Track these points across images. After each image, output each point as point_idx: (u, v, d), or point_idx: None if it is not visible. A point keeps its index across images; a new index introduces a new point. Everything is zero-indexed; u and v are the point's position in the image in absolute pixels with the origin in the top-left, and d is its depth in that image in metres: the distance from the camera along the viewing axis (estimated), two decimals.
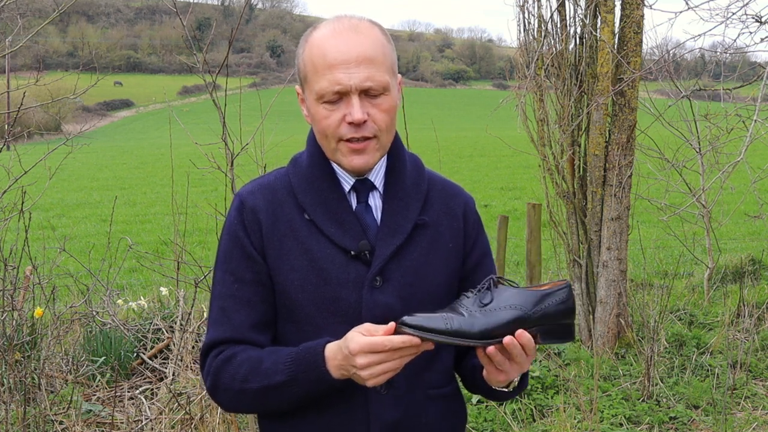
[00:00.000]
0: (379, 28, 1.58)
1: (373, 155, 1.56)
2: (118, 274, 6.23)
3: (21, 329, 3.96)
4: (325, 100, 1.52)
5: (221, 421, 3.74)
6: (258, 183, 1.65)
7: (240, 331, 1.56)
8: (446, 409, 1.68)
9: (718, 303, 6.63)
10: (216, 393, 1.58)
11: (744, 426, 4.26)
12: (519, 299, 1.46)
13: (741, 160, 4.84)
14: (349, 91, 1.50)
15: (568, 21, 5.34)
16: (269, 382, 1.50)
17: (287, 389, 1.50)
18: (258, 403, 1.55)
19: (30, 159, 4.10)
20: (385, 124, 1.55)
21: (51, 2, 7.35)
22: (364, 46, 1.51)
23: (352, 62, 1.50)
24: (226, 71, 3.58)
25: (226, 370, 1.54)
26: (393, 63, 1.58)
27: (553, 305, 1.49)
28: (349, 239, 1.56)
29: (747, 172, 6.26)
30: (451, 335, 1.42)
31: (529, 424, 4.25)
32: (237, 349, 1.56)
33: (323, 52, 1.52)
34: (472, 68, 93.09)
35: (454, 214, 1.68)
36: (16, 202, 3.97)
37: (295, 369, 1.49)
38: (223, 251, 1.62)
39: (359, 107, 1.50)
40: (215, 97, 3.44)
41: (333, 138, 1.54)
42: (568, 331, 1.52)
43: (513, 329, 1.44)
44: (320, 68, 1.52)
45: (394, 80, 1.58)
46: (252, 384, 1.52)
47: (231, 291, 1.58)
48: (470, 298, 1.47)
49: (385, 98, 1.54)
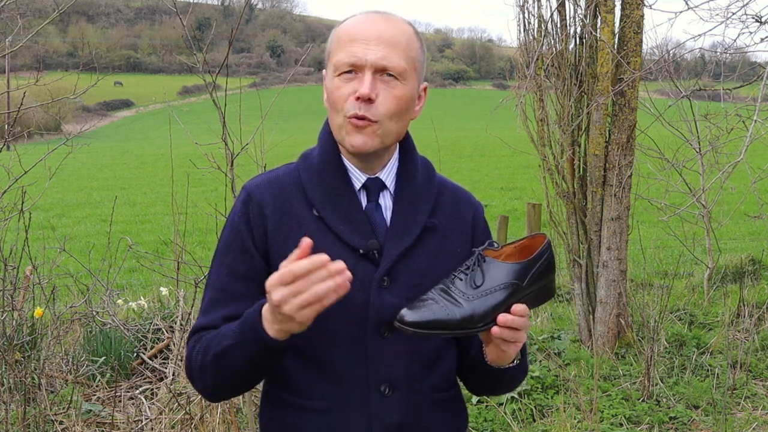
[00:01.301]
0: (412, 27, 1.61)
1: (372, 139, 1.54)
2: (118, 274, 6.23)
3: (21, 329, 3.97)
4: (341, 71, 1.53)
5: (221, 421, 3.74)
6: (266, 177, 1.64)
7: (220, 321, 1.56)
8: (448, 413, 1.67)
9: (718, 303, 6.63)
10: (190, 375, 1.59)
11: (744, 426, 4.26)
12: (510, 274, 1.45)
13: (741, 161, 4.84)
14: (364, 66, 1.52)
15: (568, 21, 5.34)
16: (219, 348, 1.50)
17: (232, 352, 1.47)
18: (216, 375, 1.52)
19: (30, 159, 4.10)
20: (392, 110, 1.54)
21: (51, 2, 7.34)
22: (388, 29, 1.54)
23: (373, 40, 1.52)
24: (226, 71, 3.58)
25: (194, 350, 1.55)
26: (416, 59, 1.58)
27: (540, 269, 1.49)
28: (358, 238, 1.55)
29: (747, 173, 6.26)
30: (454, 329, 1.41)
31: (529, 424, 4.25)
32: (206, 332, 1.56)
33: (348, 29, 1.56)
34: (472, 68, 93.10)
35: (463, 219, 1.68)
36: (16, 202, 3.97)
37: (239, 331, 1.47)
38: (224, 242, 1.62)
39: (369, 83, 1.51)
40: (215, 97, 3.43)
41: (340, 113, 1.54)
42: (551, 288, 1.53)
43: (510, 305, 1.45)
44: (342, 42, 1.55)
45: (415, 75, 1.58)
46: (208, 356, 1.52)
47: (223, 284, 1.58)
48: (462, 280, 1.45)
49: (398, 84, 1.54)
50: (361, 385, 1.56)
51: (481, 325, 1.43)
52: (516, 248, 1.55)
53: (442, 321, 1.40)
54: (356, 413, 1.56)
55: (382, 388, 1.56)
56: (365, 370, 1.56)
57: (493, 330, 1.44)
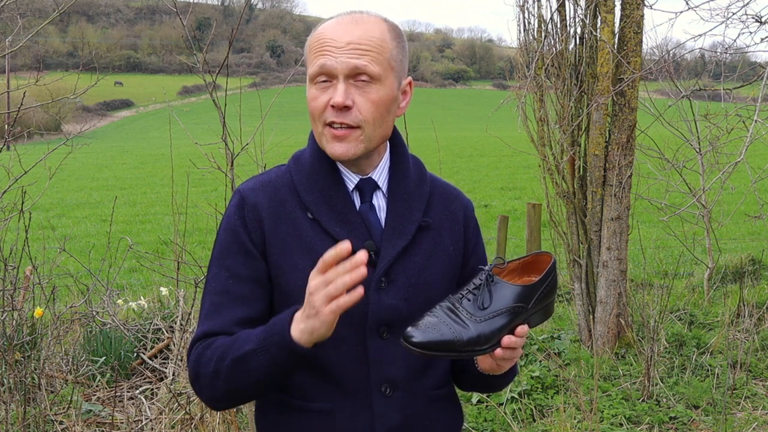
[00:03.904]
0: (388, 24, 1.58)
1: (356, 146, 1.54)
2: (118, 274, 6.24)
3: (21, 329, 3.97)
4: (315, 81, 1.53)
5: (221, 421, 3.74)
6: (259, 180, 1.63)
7: (230, 326, 1.53)
8: (446, 409, 1.68)
9: (718, 303, 6.63)
10: (196, 382, 1.54)
11: (744, 426, 4.26)
12: (517, 297, 1.46)
13: (741, 161, 4.84)
14: (335, 74, 1.51)
15: (568, 21, 5.34)
16: (238, 353, 1.46)
17: (255, 358, 1.44)
18: (230, 381, 1.48)
19: (30, 159, 4.10)
20: (371, 114, 1.53)
21: (51, 2, 7.35)
22: (358, 33, 1.52)
23: (343, 47, 1.50)
24: (226, 71, 3.57)
25: (204, 355, 1.51)
26: (392, 58, 1.55)
27: (546, 291, 1.49)
28: (354, 239, 1.53)
29: (747, 173, 6.26)
30: (460, 350, 1.41)
31: (529, 424, 4.25)
32: (217, 337, 1.53)
33: (319, 36, 1.54)
34: (472, 68, 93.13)
35: (455, 217, 1.68)
36: (16, 202, 3.97)
37: (263, 337, 1.45)
38: (220, 247, 1.59)
39: (343, 91, 1.50)
40: (215, 97, 3.43)
41: (319, 121, 1.54)
42: (552, 307, 1.54)
43: (514, 327, 1.45)
44: (314, 50, 1.54)
45: (392, 74, 1.55)
46: (225, 360, 1.47)
47: (226, 287, 1.56)
48: (471, 301, 1.45)
49: (374, 88, 1.52)
50: (362, 386, 1.56)
51: (486, 347, 1.44)
52: (519, 264, 1.56)
53: (450, 342, 1.40)
54: (358, 414, 1.56)
55: (383, 388, 1.56)
56: (366, 370, 1.56)
57: (496, 352, 1.45)
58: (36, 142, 7.06)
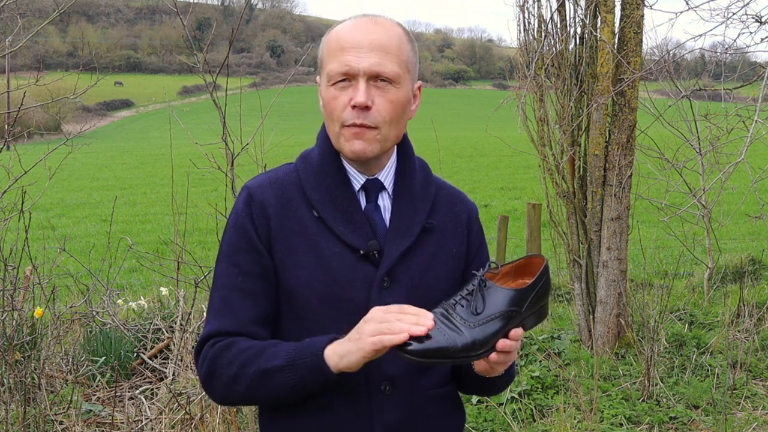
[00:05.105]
0: (402, 28, 1.61)
1: (373, 144, 1.55)
2: (118, 274, 6.24)
3: (21, 329, 3.97)
4: (334, 81, 1.54)
5: (221, 421, 3.74)
6: (267, 177, 1.64)
7: (242, 323, 1.55)
8: (446, 408, 1.69)
9: (718, 303, 6.63)
10: (210, 380, 1.55)
11: (744, 426, 4.26)
12: (510, 302, 1.46)
13: (741, 161, 4.84)
14: (357, 75, 1.52)
15: (568, 21, 5.34)
16: (266, 365, 1.48)
17: (282, 374, 1.47)
18: (251, 389, 1.51)
19: (30, 159, 4.10)
20: (389, 115, 1.54)
21: (51, 2, 7.35)
22: (378, 34, 1.54)
23: (364, 47, 1.52)
24: (226, 71, 3.58)
25: (224, 356, 1.52)
26: (409, 61, 1.58)
27: (539, 293, 1.49)
28: (358, 238, 1.55)
29: (747, 173, 6.26)
30: (455, 356, 1.41)
31: (529, 424, 4.25)
32: (237, 339, 1.54)
33: (339, 37, 1.56)
34: (472, 68, 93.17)
35: (459, 220, 1.69)
36: (16, 202, 3.97)
37: (294, 355, 1.47)
38: (228, 243, 1.60)
39: (364, 91, 1.51)
40: (215, 97, 3.43)
41: (337, 122, 1.55)
42: (546, 310, 1.54)
43: (508, 331, 1.46)
44: (334, 51, 1.55)
45: (408, 77, 1.58)
46: (250, 368, 1.49)
47: (235, 283, 1.56)
48: (464, 307, 1.45)
49: (393, 89, 1.54)
50: (362, 385, 1.56)
51: (481, 352, 1.44)
52: (512, 267, 1.56)
53: (444, 349, 1.40)
54: (358, 412, 1.57)
55: (383, 386, 1.57)
56: (366, 369, 1.55)
57: (491, 356, 1.45)
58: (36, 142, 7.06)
